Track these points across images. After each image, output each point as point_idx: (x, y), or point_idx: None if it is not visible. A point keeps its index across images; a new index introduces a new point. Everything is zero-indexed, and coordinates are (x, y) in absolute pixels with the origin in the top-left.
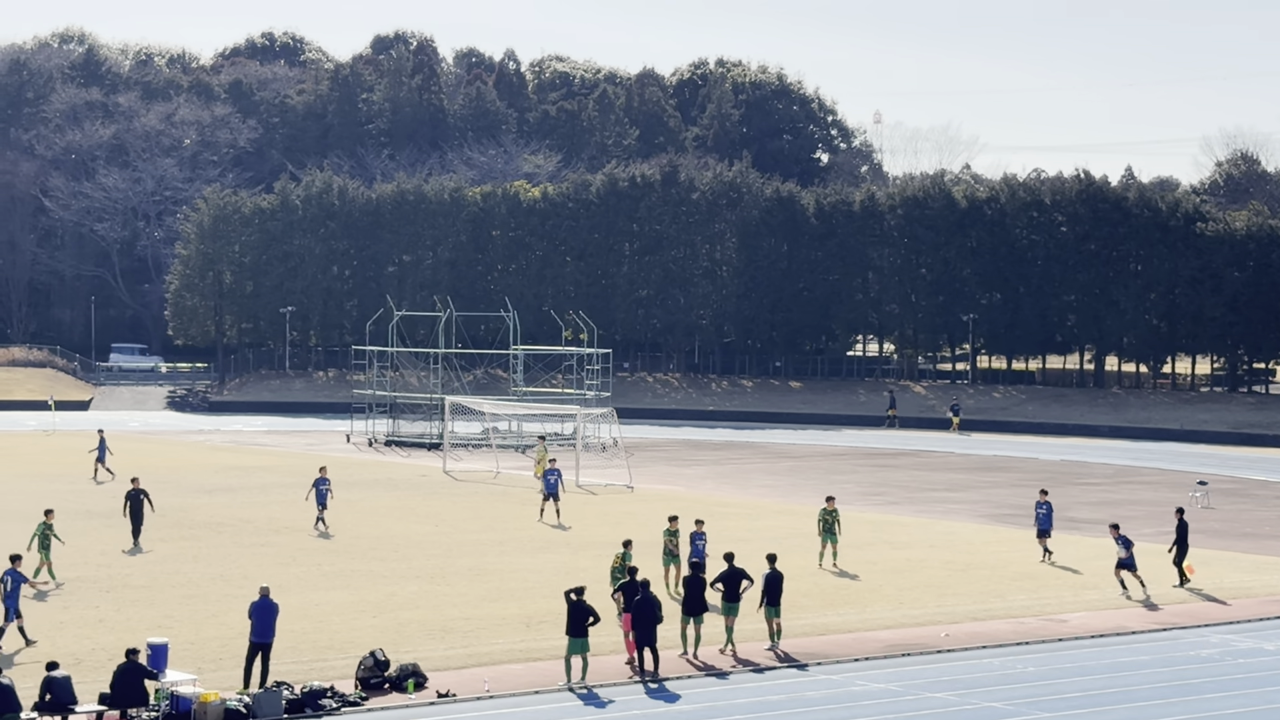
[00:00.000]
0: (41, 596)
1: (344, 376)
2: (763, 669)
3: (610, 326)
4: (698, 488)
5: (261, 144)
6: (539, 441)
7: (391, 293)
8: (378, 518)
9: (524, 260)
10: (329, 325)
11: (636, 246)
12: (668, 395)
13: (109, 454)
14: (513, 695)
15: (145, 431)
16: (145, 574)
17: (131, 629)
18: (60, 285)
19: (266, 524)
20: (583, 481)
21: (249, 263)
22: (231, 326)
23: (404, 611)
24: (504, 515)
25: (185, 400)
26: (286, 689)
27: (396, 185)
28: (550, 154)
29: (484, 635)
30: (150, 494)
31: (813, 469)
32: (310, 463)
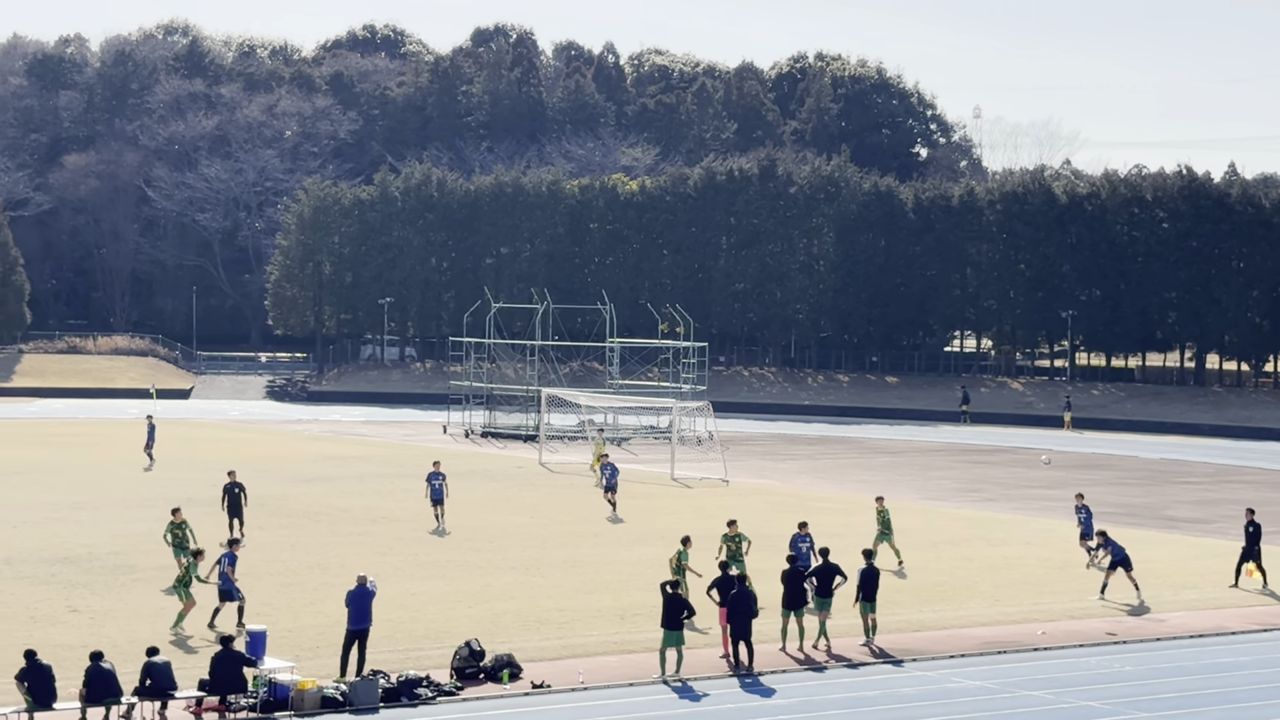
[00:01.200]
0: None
1: (442, 368)
2: (857, 665)
3: (706, 320)
4: (792, 482)
5: (361, 136)
6: (597, 434)
7: (489, 285)
8: (474, 509)
9: (621, 253)
10: (427, 316)
11: (733, 240)
12: (763, 389)
13: (154, 441)
14: (607, 687)
15: (244, 420)
16: (244, 562)
17: (230, 616)
18: (162, 275)
19: (363, 513)
20: (678, 475)
21: (348, 254)
22: (330, 317)
23: (499, 602)
24: (599, 508)
25: (284, 390)
26: (383, 677)
27: (495, 178)
28: (648, 147)
29: (578, 627)
30: (246, 488)
31: (908, 465)
32: (407, 453)
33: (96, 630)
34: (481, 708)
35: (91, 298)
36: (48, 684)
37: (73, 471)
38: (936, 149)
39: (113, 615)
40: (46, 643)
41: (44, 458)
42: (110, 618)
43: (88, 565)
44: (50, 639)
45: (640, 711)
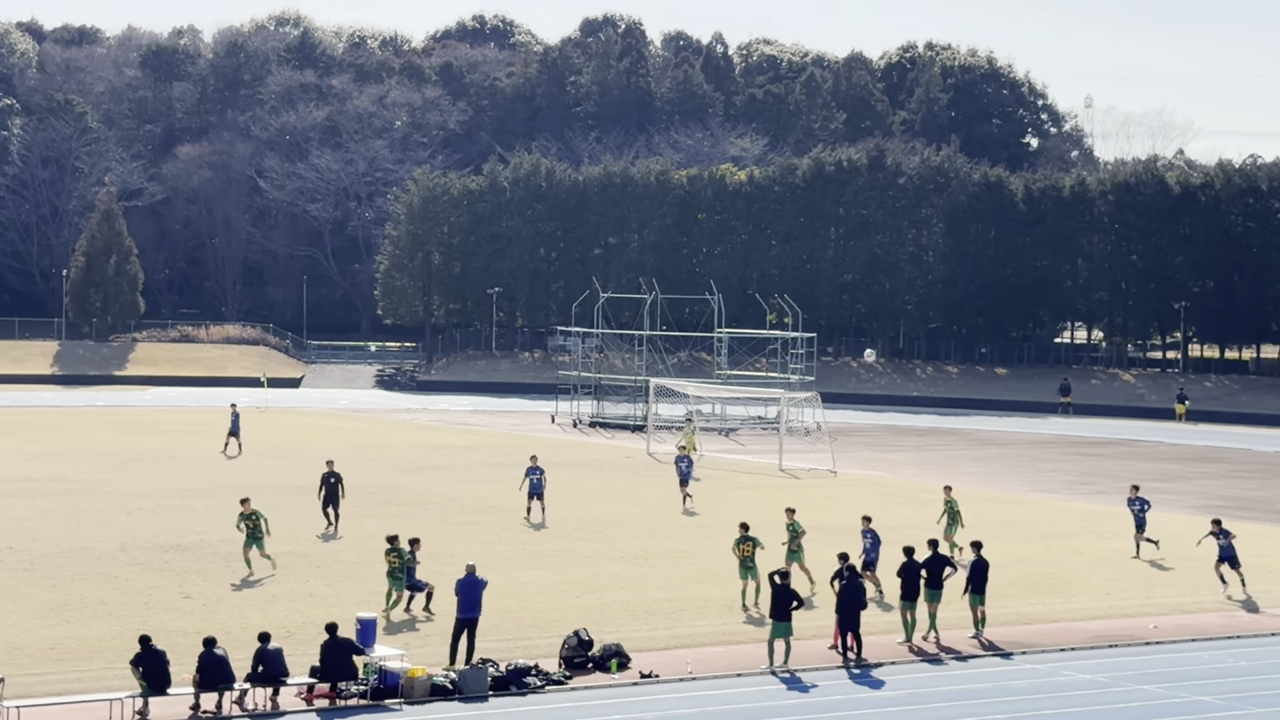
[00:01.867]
0: (248, 584)
1: (549, 357)
2: (966, 657)
3: (815, 310)
4: (901, 473)
5: (471, 126)
6: (686, 424)
7: (597, 275)
8: (582, 498)
9: (729, 243)
10: (535, 306)
11: (842, 231)
12: (871, 380)
13: (240, 429)
14: (715, 677)
15: (354, 409)
16: (354, 550)
17: (341, 603)
18: (273, 264)
19: (472, 502)
20: (786, 466)
21: (457, 244)
22: (439, 306)
23: (608, 592)
24: (707, 498)
25: (393, 379)
26: (492, 666)
27: (603, 168)
28: (756, 137)
29: (687, 617)
30: (343, 478)
31: (1018, 457)
32: (516, 443)
33: (209, 616)
34: (590, 697)
35: (204, 287)
36: (162, 669)
37: (185, 459)
38: (1047, 139)
39: (225, 602)
40: (160, 629)
41: (157, 445)
42: (223, 604)
43: (200, 552)
44: (164, 625)
45: (749, 702)
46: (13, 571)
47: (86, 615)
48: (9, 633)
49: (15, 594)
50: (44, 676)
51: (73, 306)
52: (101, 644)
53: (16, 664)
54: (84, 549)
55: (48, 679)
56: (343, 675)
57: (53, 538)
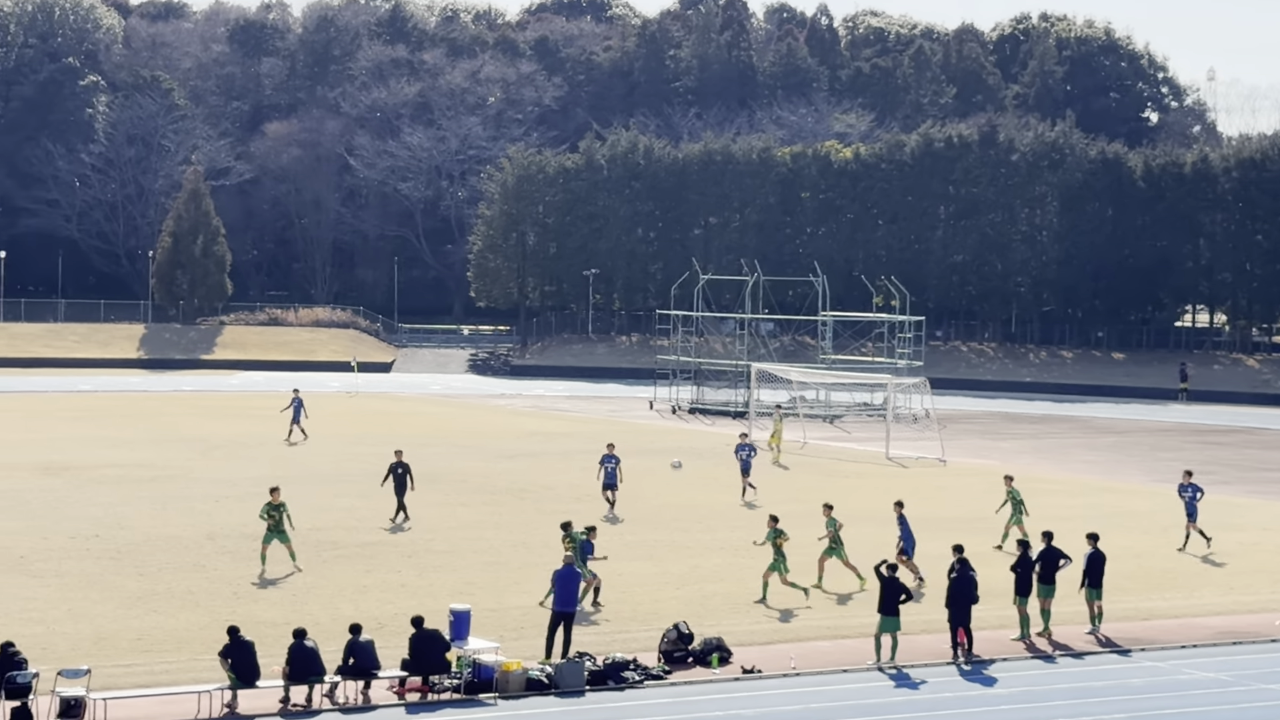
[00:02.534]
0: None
1: (648, 341)
2: (1082, 654)
3: (923, 293)
4: (1013, 462)
5: (566, 102)
6: (775, 409)
7: (697, 255)
8: (681, 487)
9: (834, 223)
10: (633, 288)
11: (952, 210)
12: (982, 365)
13: (304, 415)
14: (819, 674)
15: (446, 395)
16: (447, 540)
17: (433, 594)
18: (363, 245)
19: (568, 491)
20: (893, 454)
21: (552, 224)
22: (534, 289)
23: (708, 584)
24: (810, 487)
25: (487, 363)
26: (589, 660)
27: (704, 145)
28: (863, 113)
29: (791, 610)
30: (412, 469)
31: (1136, 445)
32: (613, 430)
33: (299, 607)
34: (690, 692)
35: (292, 268)
36: (251, 661)
37: (273, 445)
38: (1168, 114)
39: (315, 592)
40: (249, 619)
41: (245, 431)
42: (313, 594)
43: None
44: (253, 615)
45: (855, 699)
46: (99, 560)
47: (174, 605)
48: (95, 622)
49: (102, 583)
50: (131, 667)
51: (159, 289)
52: (189, 634)
53: (103, 654)
54: (171, 537)
55: (135, 670)
56: (435, 668)
57: (139, 526)
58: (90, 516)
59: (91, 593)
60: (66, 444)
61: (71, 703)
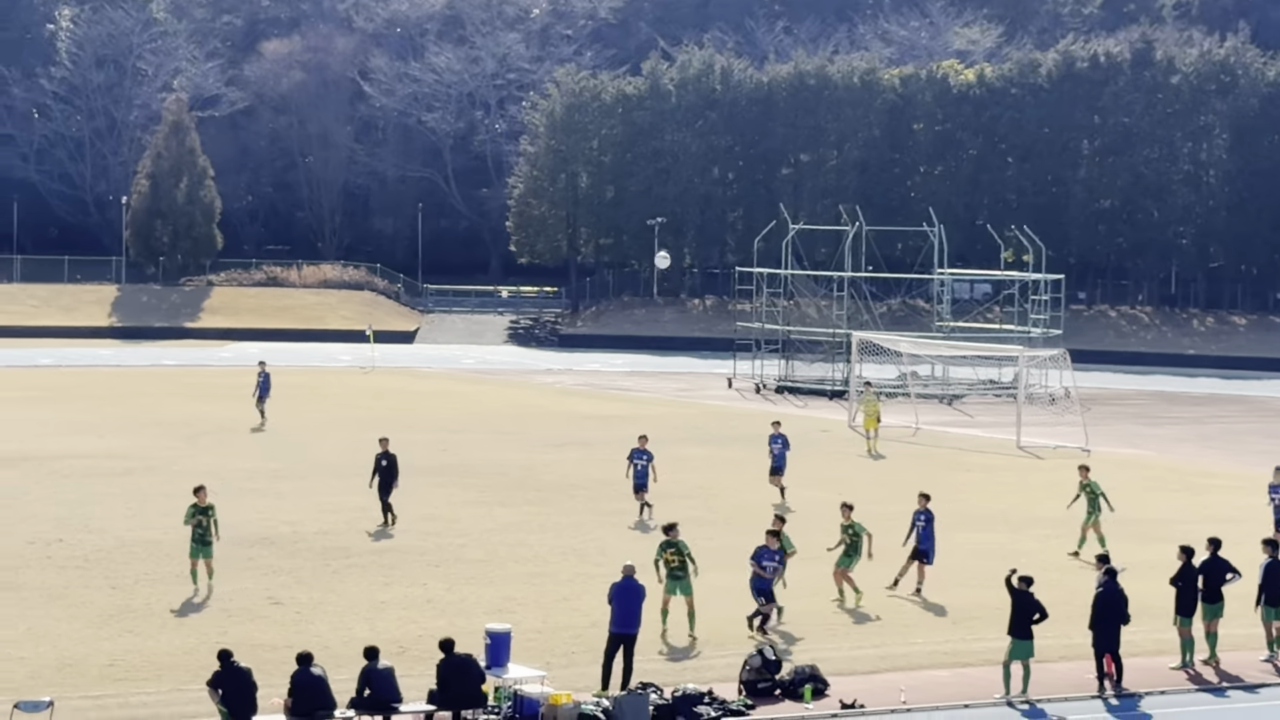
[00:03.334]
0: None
1: (725, 306)
2: (1257, 686)
3: (1062, 246)
4: (1172, 452)
5: (626, 14)
6: (865, 387)
7: (786, 201)
8: (765, 483)
9: (953, 161)
10: (707, 241)
11: (1097, 144)
12: (1135, 334)
13: (269, 394)
14: (935, 708)
15: (481, 370)
16: (482, 546)
17: (466, 612)
18: (381, 189)
19: (630, 487)
20: (1025, 442)
21: (609, 163)
22: (587, 242)
23: (799, 599)
24: (924, 483)
25: (530, 332)
26: (654, 692)
27: (794, 66)
28: (988, 26)
29: (900, 632)
30: (398, 460)
31: None
32: (684, 413)
33: (303, 628)
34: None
35: (295, 218)
36: (246, 692)
37: (272, 432)
38: None
39: (323, 609)
40: (244, 642)
41: (237, 415)
42: (320, 612)
43: (292, 547)
44: (248, 637)
45: None
46: (63, 570)
47: (153, 624)
48: (59, 645)
49: (67, 597)
50: (101, 700)
51: (134, 242)
52: (172, 660)
53: (69, 683)
54: (150, 542)
55: (105, 703)
56: (467, 701)
57: (112, 528)
58: (53, 517)
59: (54, 609)
60: (23, 430)
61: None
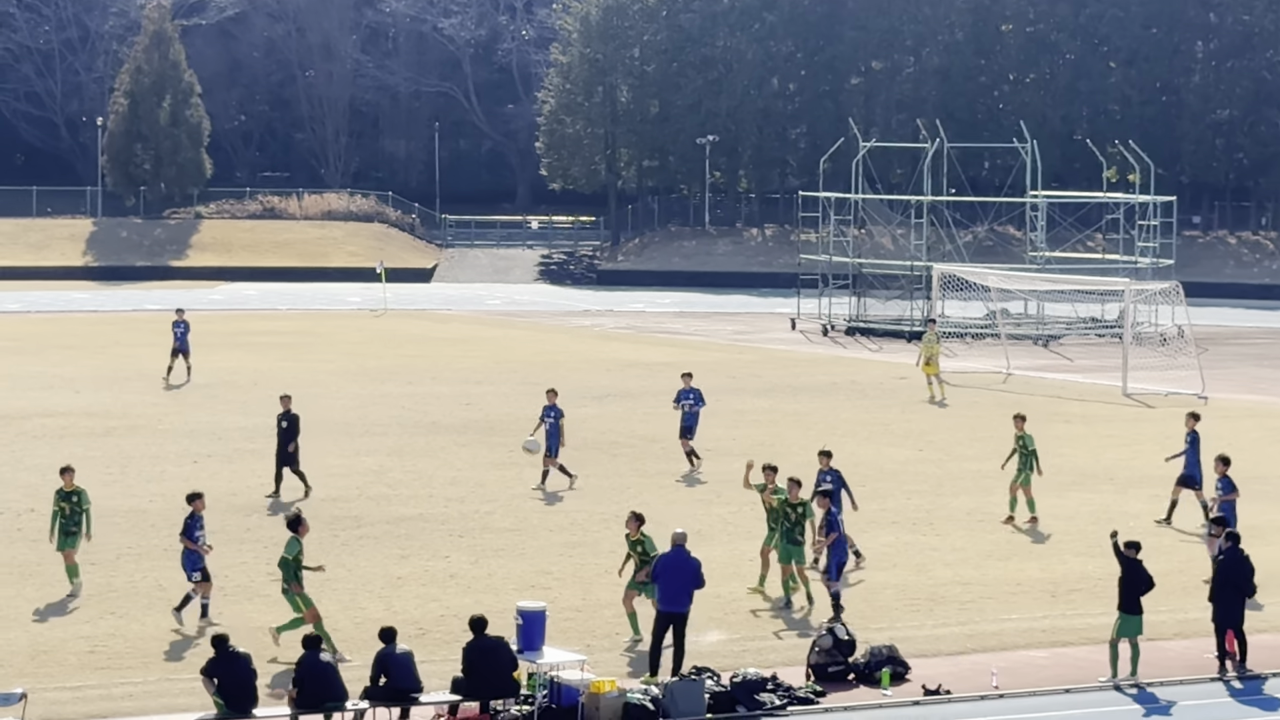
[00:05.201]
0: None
1: (787, 236)
2: None
3: (1174, 164)
4: None
5: None
6: (928, 325)
7: (855, 116)
8: (835, 437)
9: (1047, 67)
10: (765, 162)
11: (1214, 46)
12: (1257, 264)
13: (188, 347)
14: (1031, 694)
15: (509, 312)
16: (512, 513)
17: (494, 588)
18: (392, 107)
19: (679, 444)
20: (1132, 389)
21: (653, 73)
22: (628, 164)
23: (875, 571)
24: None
25: (564, 269)
26: (710, 677)
27: None
28: None
29: (990, 607)
30: (299, 421)
31: None
32: (741, 359)
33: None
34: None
35: (294, 140)
36: (244, 681)
37: (271, 385)
38: None
39: (333, 586)
40: (242, 625)
41: (232, 365)
42: (330, 589)
43: None
44: (247, 619)
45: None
46: (35, 544)
47: (138, 605)
48: (31, 629)
49: (40, 575)
50: (80, 691)
51: (112, 170)
52: (160, 645)
53: (44, 673)
54: (133, 511)
55: (86, 694)
56: (497, 690)
57: (90, 496)
58: (22, 484)
59: (26, 588)
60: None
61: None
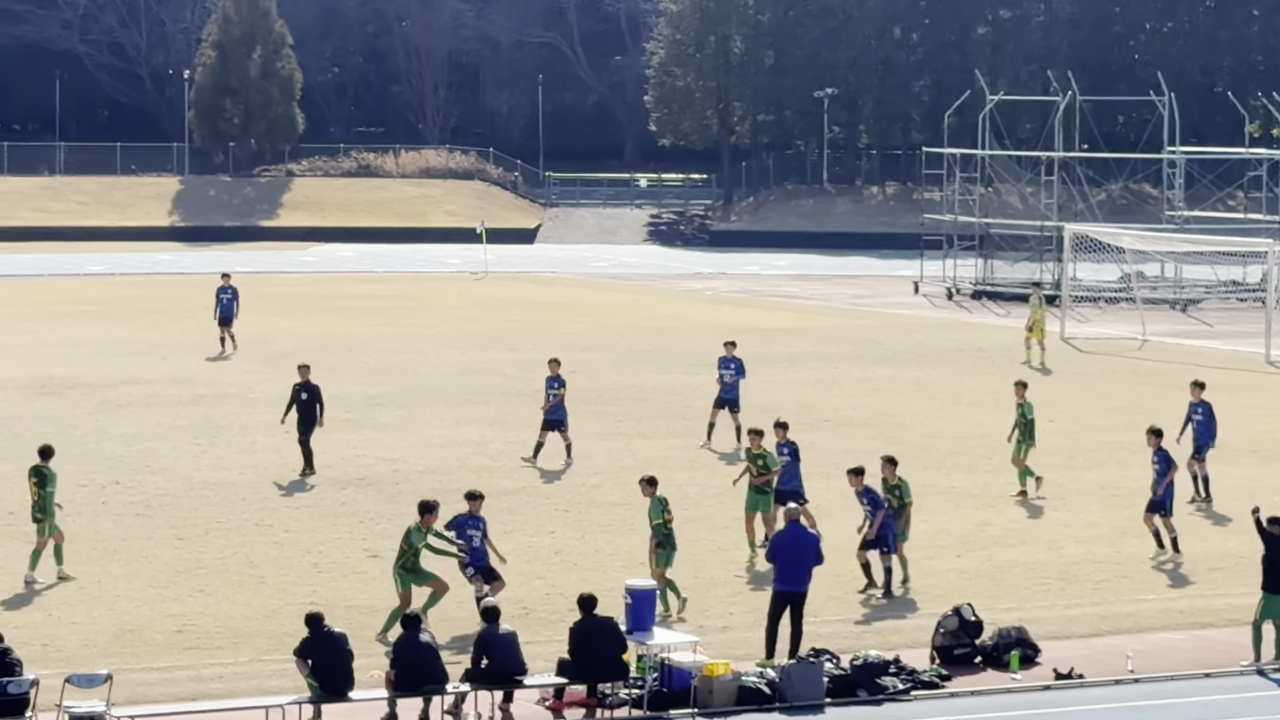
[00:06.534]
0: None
1: (909, 194)
2: None
3: None
4: None
5: None
6: (1034, 289)
7: (982, 67)
8: (960, 407)
9: (1186, 15)
10: (887, 117)
11: None
12: None
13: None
14: (1169, 678)
15: (615, 275)
16: (620, 487)
17: (601, 566)
18: (494, 60)
19: (796, 415)
20: (1276, 356)
21: (768, 23)
22: (742, 119)
23: (1003, 549)
24: (1152, 403)
25: (674, 229)
26: (829, 659)
27: None
28: None
29: (1125, 587)
30: (322, 394)
31: None
32: (862, 324)
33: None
34: (978, 707)
35: (390, 94)
36: (340, 662)
37: (368, 351)
38: None
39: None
40: (337, 603)
41: (325, 331)
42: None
43: (393, 489)
44: (342, 597)
45: (1224, 716)
46: (121, 517)
47: (228, 582)
48: (118, 607)
49: (126, 550)
50: (168, 672)
51: (199, 125)
52: (251, 624)
53: (130, 653)
54: (223, 484)
55: (173, 675)
56: (606, 673)
57: (178, 468)
58: (107, 455)
59: (110, 565)
60: (70, 351)
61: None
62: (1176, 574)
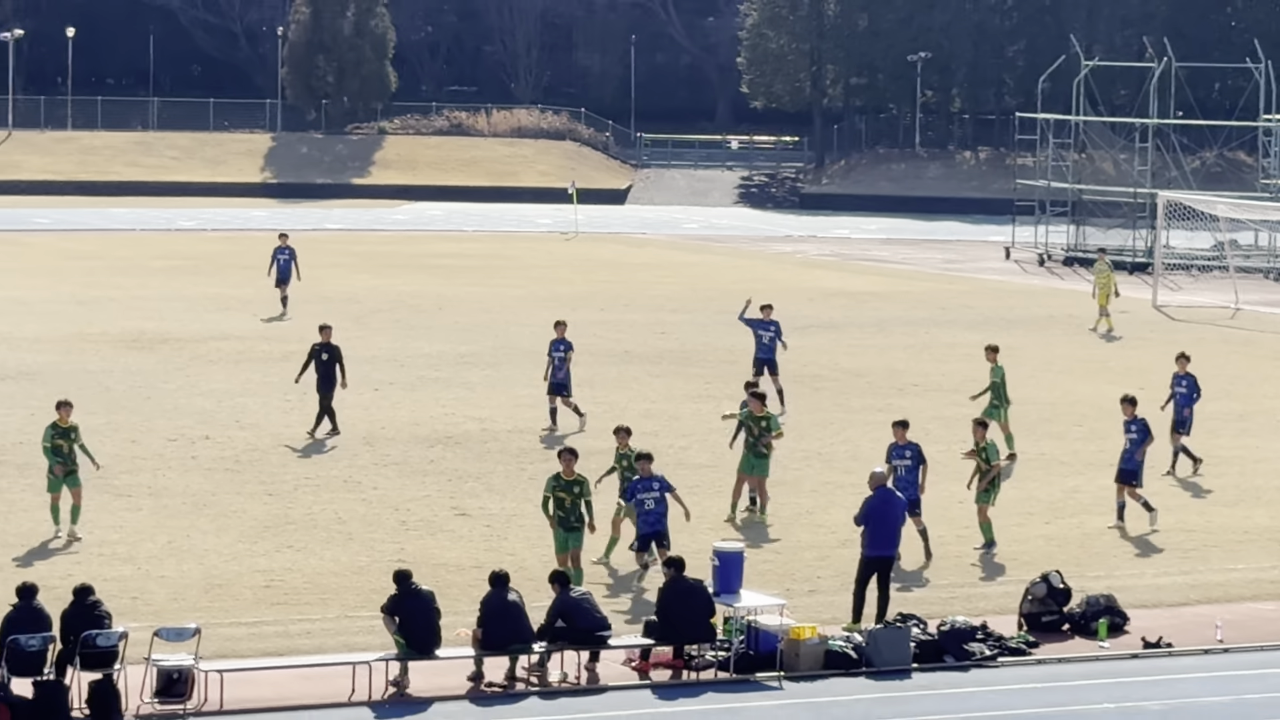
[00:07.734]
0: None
1: (1002, 159)
2: None
3: None
4: None
5: None
6: (1099, 255)
7: (1077, 33)
8: (1053, 374)
9: None
10: (980, 81)
11: None
12: None
13: (296, 275)
14: (1259, 648)
15: (706, 237)
16: (708, 448)
17: (688, 528)
18: (587, 20)
19: (886, 379)
20: None
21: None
22: (835, 82)
23: (1093, 516)
24: (1245, 373)
25: (765, 191)
26: (916, 625)
27: None
28: None
29: (1215, 556)
30: (343, 355)
31: None
32: (954, 289)
33: (496, 544)
34: (1066, 674)
35: (483, 53)
36: (427, 620)
37: (459, 310)
38: None
39: (518, 522)
40: (424, 561)
41: (415, 290)
42: (514, 525)
43: (481, 448)
44: (429, 555)
45: None
46: (210, 473)
47: (317, 538)
48: (206, 561)
49: (215, 506)
50: (256, 627)
51: (292, 82)
52: (339, 581)
53: (219, 607)
54: (311, 442)
55: (261, 630)
56: (693, 634)
57: (268, 425)
58: (197, 410)
59: (200, 520)
60: (162, 306)
61: (174, 676)
62: (1267, 543)
